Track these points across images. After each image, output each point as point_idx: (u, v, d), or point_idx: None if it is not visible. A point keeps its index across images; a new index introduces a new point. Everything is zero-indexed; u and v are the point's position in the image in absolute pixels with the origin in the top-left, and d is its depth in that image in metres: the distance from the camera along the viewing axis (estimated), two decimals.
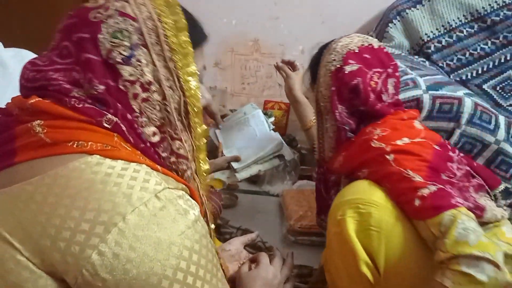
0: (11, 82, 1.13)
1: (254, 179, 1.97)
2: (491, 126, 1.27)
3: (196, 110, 0.76)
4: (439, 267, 0.88)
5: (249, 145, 1.85)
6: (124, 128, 0.68)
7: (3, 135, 0.67)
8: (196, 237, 0.64)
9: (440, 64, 1.85)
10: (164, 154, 0.73)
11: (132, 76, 0.69)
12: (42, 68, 0.69)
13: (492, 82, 1.84)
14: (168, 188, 0.65)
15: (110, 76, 0.68)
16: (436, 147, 1.02)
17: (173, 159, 0.74)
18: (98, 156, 0.63)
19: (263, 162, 1.79)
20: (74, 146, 0.63)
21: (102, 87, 0.67)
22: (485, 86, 1.84)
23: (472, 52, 1.84)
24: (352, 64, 1.10)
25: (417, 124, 1.11)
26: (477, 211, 0.94)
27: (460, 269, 0.83)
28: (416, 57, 1.85)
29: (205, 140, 0.81)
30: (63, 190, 0.60)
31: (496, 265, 0.82)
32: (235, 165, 1.71)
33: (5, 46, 1.26)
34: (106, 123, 0.67)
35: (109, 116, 0.67)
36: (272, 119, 2.17)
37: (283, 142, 1.80)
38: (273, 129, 1.91)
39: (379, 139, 1.03)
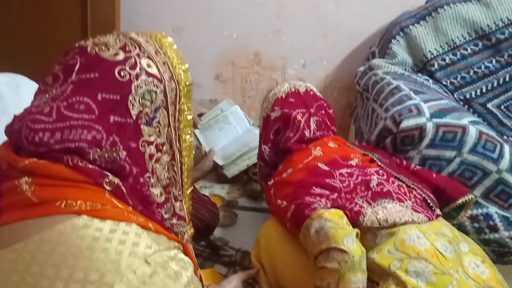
0: (6, 110, 1.10)
1: (253, 196, 1.95)
2: (495, 155, 1.25)
3: (187, 173, 0.78)
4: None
5: (233, 143, 1.85)
6: (124, 191, 0.66)
7: None
8: None
9: (444, 82, 1.82)
10: (166, 216, 0.72)
11: (151, 137, 0.70)
12: (50, 126, 0.64)
13: (496, 101, 1.82)
14: (159, 251, 0.62)
15: (134, 137, 0.68)
16: (320, 164, 1.12)
17: (174, 221, 0.73)
18: (86, 216, 0.60)
19: (249, 156, 1.83)
20: (62, 205, 0.60)
21: (124, 153, 0.67)
22: (489, 105, 1.82)
23: (477, 70, 1.82)
24: (277, 110, 1.31)
25: (316, 151, 1.20)
26: (352, 214, 0.97)
27: (320, 265, 0.90)
28: (420, 75, 1.82)
29: (190, 203, 0.82)
30: (48, 258, 0.56)
31: (342, 250, 0.87)
32: (220, 162, 1.71)
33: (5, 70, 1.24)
34: (107, 185, 0.65)
35: (111, 177, 0.65)
36: None
37: None
38: (253, 124, 1.93)
39: (274, 175, 1.20)
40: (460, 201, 1.11)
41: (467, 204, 1.12)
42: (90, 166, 0.64)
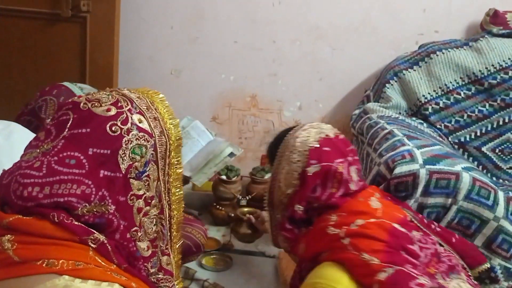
0: None
1: (249, 240, 1.92)
2: (490, 202, 1.24)
3: (176, 226, 0.80)
4: None
5: (198, 154, 1.87)
6: (109, 248, 0.67)
7: None
8: None
9: (438, 126, 1.84)
10: (152, 270, 0.72)
11: (140, 191, 0.72)
12: (39, 181, 0.66)
13: (491, 144, 1.83)
14: None
15: (123, 192, 0.70)
16: (396, 225, 1.02)
17: (160, 275, 0.73)
18: (67, 277, 0.60)
19: (215, 163, 1.82)
20: (44, 265, 0.60)
21: (113, 207, 0.68)
22: (484, 149, 1.82)
23: (470, 114, 1.84)
24: (314, 164, 1.11)
25: (373, 202, 1.10)
26: None
27: None
28: (414, 119, 1.84)
29: (180, 257, 0.83)
30: None
31: None
32: (188, 173, 1.71)
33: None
34: (92, 243, 0.65)
35: (96, 235, 0.66)
36: (270, 174, 2.15)
37: (228, 141, 1.89)
38: (215, 135, 1.94)
39: (334, 225, 1.04)
40: (476, 270, 1.11)
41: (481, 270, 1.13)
42: (76, 223, 0.65)
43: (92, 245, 0.65)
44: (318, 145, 1.12)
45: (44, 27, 2.10)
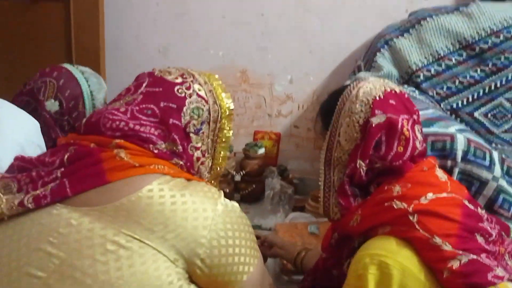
0: None
1: (245, 211, 1.91)
2: (486, 163, 1.24)
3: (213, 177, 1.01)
4: None
5: None
6: (185, 169, 0.90)
7: (88, 159, 0.79)
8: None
9: (430, 93, 1.83)
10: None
11: (198, 144, 0.92)
12: (125, 118, 0.85)
13: (483, 109, 1.83)
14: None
15: (186, 140, 0.90)
16: (466, 203, 0.94)
17: None
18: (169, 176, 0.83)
19: None
20: (156, 167, 0.82)
21: (180, 148, 0.88)
22: (476, 114, 1.83)
23: (462, 80, 1.83)
24: (379, 114, 1.00)
25: (440, 173, 1.02)
26: None
27: None
28: (406, 86, 1.83)
29: None
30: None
31: None
32: None
33: None
34: (175, 164, 0.88)
35: (175, 160, 0.88)
36: (263, 150, 2.14)
37: None
38: None
39: (400, 198, 0.94)
40: None
41: None
42: (161, 152, 0.86)
43: (174, 164, 0.88)
44: (383, 97, 1.03)
45: (26, 8, 2.04)
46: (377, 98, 1.02)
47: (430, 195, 0.93)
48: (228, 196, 2.18)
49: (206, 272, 0.78)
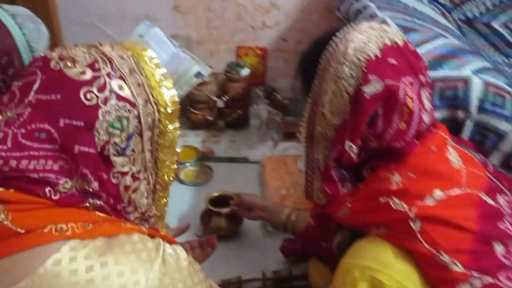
0: None
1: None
2: (507, 111, 1.01)
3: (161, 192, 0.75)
4: None
5: None
6: (108, 210, 0.63)
7: None
8: None
9: (441, 0, 1.52)
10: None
11: (125, 167, 0.64)
12: (3, 154, 0.58)
13: (503, 17, 1.53)
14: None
15: (104, 168, 0.62)
16: (484, 196, 0.75)
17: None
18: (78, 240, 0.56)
19: (180, 85, 1.58)
20: (53, 232, 0.56)
21: (96, 183, 0.61)
22: (494, 24, 1.53)
23: None
24: (374, 81, 0.76)
25: (452, 156, 0.80)
26: None
27: None
28: None
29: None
30: None
31: None
32: None
33: None
34: (90, 206, 0.61)
35: (91, 200, 0.61)
36: (247, 70, 1.88)
37: (194, 57, 1.61)
38: (178, 46, 1.64)
39: (399, 194, 0.75)
40: None
41: None
42: (64, 195, 0.59)
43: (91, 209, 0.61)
44: (381, 55, 0.78)
45: None
46: (373, 57, 0.77)
47: (438, 193, 0.73)
48: (212, 124, 1.99)
49: None
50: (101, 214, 0.63)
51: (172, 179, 0.74)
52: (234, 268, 1.24)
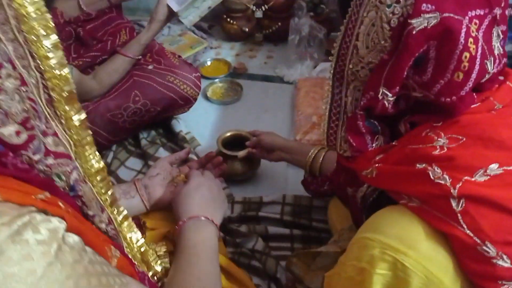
0: None
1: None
2: None
3: (64, 96, 0.56)
4: None
5: None
6: None
7: None
8: None
9: None
10: (36, 157, 0.51)
11: None
12: None
13: None
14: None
15: None
16: None
17: (50, 161, 0.53)
18: None
19: None
20: None
21: None
22: None
23: None
24: (429, 12, 0.56)
25: None
26: None
27: None
28: None
29: (88, 133, 0.60)
30: None
31: None
32: (174, 7, 1.26)
33: None
34: None
35: None
36: None
37: None
38: None
39: (443, 162, 0.58)
40: None
41: None
42: None
43: None
44: None
45: None
46: None
47: (493, 168, 0.55)
48: (248, 36, 1.81)
49: None
50: None
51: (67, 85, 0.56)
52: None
